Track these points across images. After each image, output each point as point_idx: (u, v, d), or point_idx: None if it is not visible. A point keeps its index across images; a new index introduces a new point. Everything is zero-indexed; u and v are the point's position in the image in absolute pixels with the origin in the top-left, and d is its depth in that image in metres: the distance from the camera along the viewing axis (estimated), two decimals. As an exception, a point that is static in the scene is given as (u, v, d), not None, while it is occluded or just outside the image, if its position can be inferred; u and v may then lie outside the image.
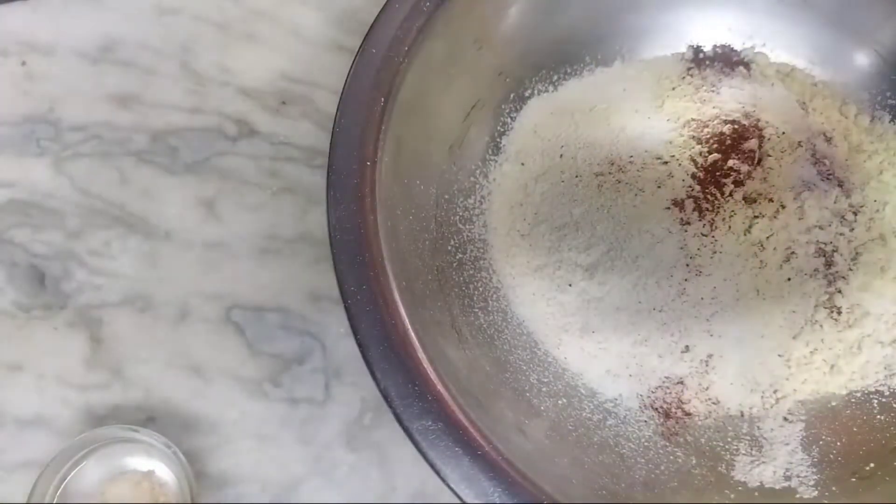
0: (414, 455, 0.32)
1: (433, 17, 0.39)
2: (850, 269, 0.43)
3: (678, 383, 0.41)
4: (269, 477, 0.41)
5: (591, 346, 0.41)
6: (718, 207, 0.44)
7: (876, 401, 0.40)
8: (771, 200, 0.44)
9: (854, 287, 0.42)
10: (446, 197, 0.42)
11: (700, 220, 0.43)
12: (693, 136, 0.45)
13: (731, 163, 0.45)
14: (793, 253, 0.43)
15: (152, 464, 0.39)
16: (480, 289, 0.41)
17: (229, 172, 0.47)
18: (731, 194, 0.44)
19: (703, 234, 0.43)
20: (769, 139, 0.46)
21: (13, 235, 0.45)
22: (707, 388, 0.41)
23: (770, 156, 0.45)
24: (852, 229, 0.44)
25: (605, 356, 0.41)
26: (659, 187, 0.44)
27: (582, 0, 0.45)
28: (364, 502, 0.41)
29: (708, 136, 0.46)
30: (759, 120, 0.46)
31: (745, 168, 0.45)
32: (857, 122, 0.46)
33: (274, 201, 0.47)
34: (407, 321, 0.34)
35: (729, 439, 0.39)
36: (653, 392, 0.40)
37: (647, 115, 0.46)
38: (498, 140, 0.45)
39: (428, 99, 0.40)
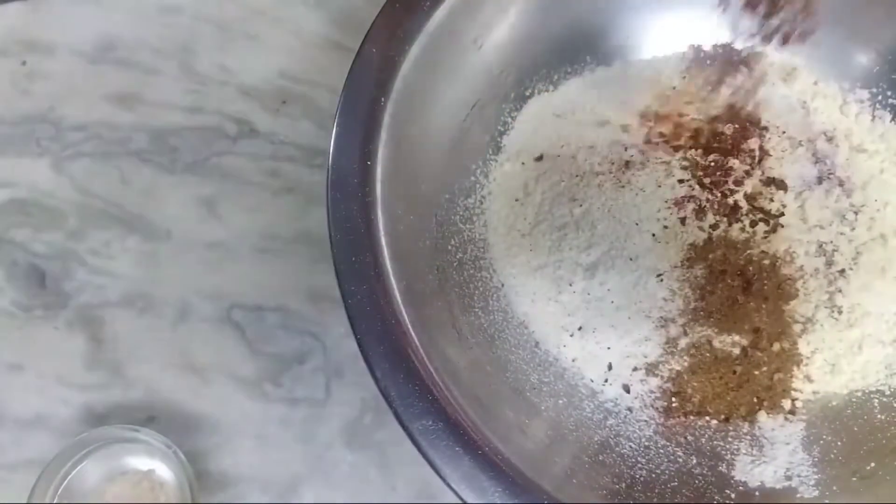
0: (414, 455, 0.32)
1: (433, 17, 0.39)
2: (851, 269, 0.43)
3: (679, 383, 0.40)
4: (269, 477, 0.41)
5: (591, 345, 0.41)
6: (719, 207, 0.44)
7: (877, 400, 0.40)
8: (772, 200, 0.44)
9: (855, 287, 0.42)
10: (447, 196, 0.42)
11: (700, 220, 0.43)
12: (694, 136, 0.45)
13: (731, 162, 0.45)
14: (794, 252, 0.43)
15: (152, 464, 0.39)
16: (481, 288, 0.41)
17: (229, 172, 0.47)
18: (731, 194, 0.44)
19: (704, 234, 0.43)
20: (770, 139, 0.46)
21: (13, 235, 0.45)
22: (707, 388, 0.41)
23: (771, 155, 0.45)
24: (853, 229, 0.44)
25: (606, 356, 0.41)
26: (659, 187, 0.44)
27: (582, 0, 0.45)
28: (364, 502, 0.41)
29: (709, 136, 0.45)
30: (759, 119, 0.46)
31: (745, 168, 0.45)
32: (857, 121, 0.46)
33: (274, 201, 0.46)
34: (407, 321, 0.34)
35: (729, 439, 0.39)
36: (653, 391, 0.40)
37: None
38: (498, 139, 0.45)
39: (428, 98, 0.40)
